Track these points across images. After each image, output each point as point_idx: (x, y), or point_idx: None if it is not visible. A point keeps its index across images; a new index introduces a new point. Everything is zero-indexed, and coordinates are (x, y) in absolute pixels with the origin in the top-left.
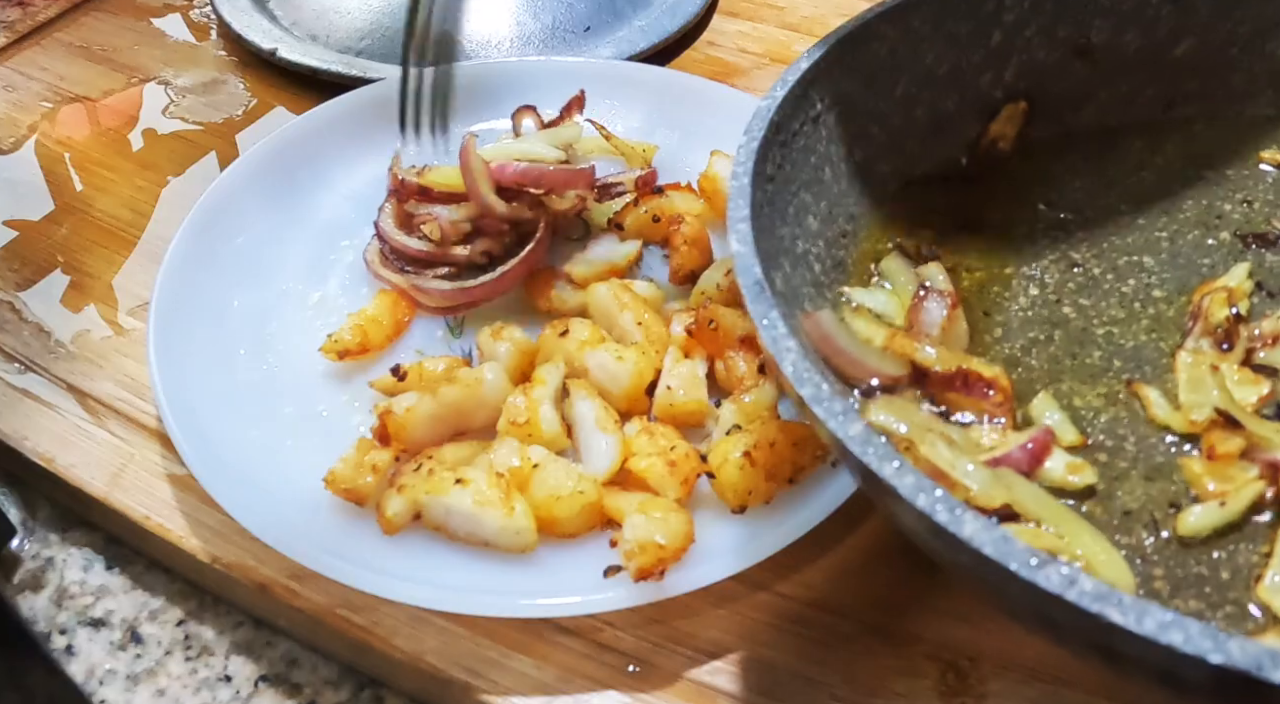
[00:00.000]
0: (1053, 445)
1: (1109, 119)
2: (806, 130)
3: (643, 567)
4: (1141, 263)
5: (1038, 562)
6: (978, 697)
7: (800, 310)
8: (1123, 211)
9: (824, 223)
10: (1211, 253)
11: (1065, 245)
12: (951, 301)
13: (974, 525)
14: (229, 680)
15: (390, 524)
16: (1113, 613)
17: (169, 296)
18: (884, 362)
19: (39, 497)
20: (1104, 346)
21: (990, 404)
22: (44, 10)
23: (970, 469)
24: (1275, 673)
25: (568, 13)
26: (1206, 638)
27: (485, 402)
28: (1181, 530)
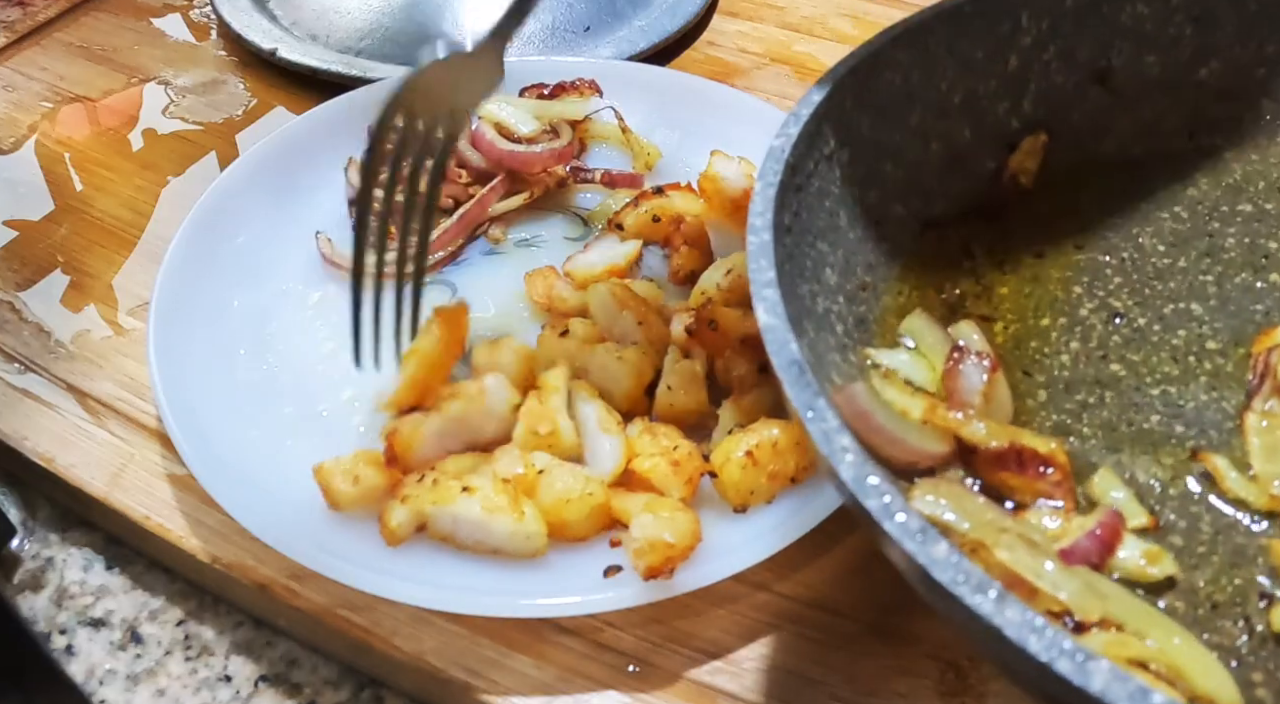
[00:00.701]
0: (1122, 531)
1: (1132, 149)
2: (821, 170)
3: (652, 565)
4: (1189, 310)
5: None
6: (978, 697)
7: (829, 382)
8: (1160, 253)
9: (842, 275)
10: (1263, 297)
11: (1103, 293)
12: (991, 364)
13: (1105, 678)
14: (229, 680)
15: (394, 536)
16: None
17: (169, 296)
18: (926, 439)
19: (39, 497)
20: (1161, 409)
21: (1048, 484)
22: (44, 10)
23: (1054, 572)
24: None
25: (568, 13)
26: None
27: (492, 413)
28: (1278, 626)
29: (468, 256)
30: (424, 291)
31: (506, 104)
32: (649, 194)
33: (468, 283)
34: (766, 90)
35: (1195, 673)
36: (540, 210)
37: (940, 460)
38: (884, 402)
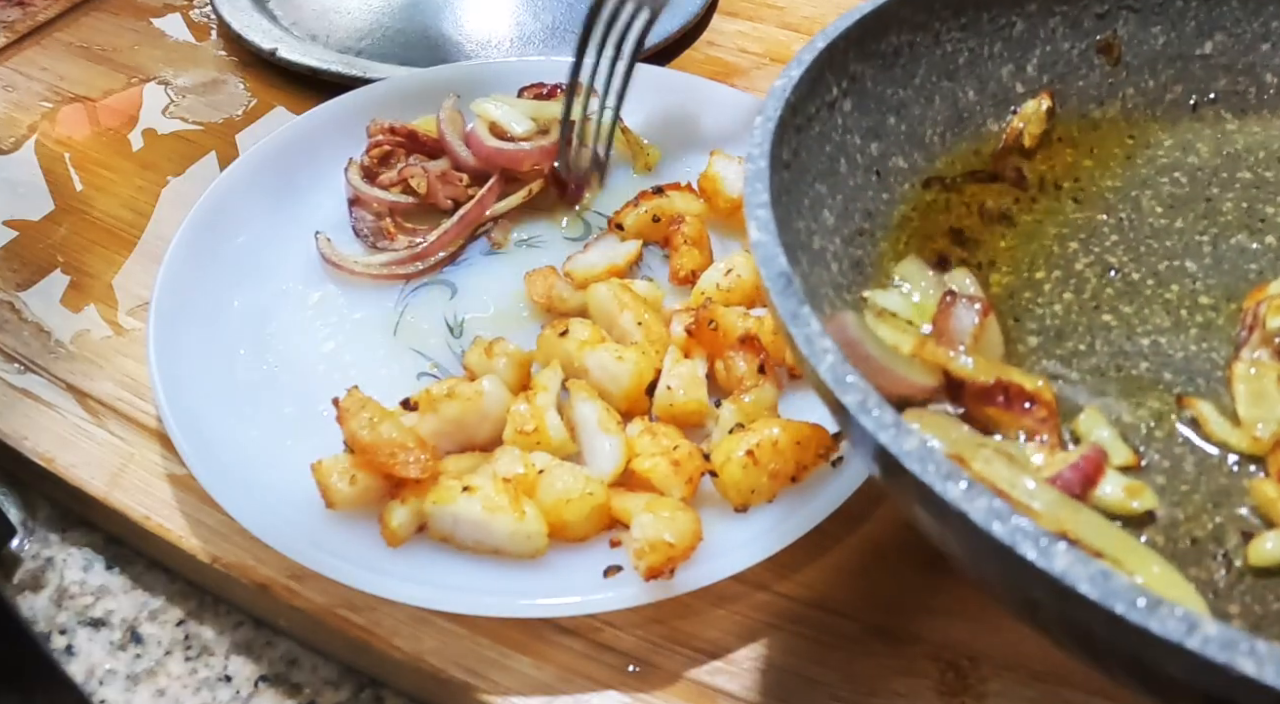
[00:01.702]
0: (1105, 466)
1: (1135, 116)
2: (823, 116)
3: (653, 565)
4: (1184, 267)
5: (1147, 603)
6: (978, 697)
7: (821, 313)
8: (1159, 214)
9: (840, 219)
10: (1258, 258)
11: (1099, 249)
12: (983, 308)
13: (1067, 559)
14: (229, 680)
15: (394, 536)
16: (1245, 664)
17: (169, 296)
18: (914, 371)
19: (39, 497)
20: (1151, 358)
21: (1033, 420)
22: (44, 10)
23: (1032, 487)
24: None
25: (568, 13)
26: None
27: (488, 415)
28: (1254, 561)
29: (468, 257)
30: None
31: (503, 103)
32: (649, 194)
33: (468, 283)
34: (766, 90)
35: (1171, 599)
36: (540, 210)
37: (928, 393)
38: (874, 332)
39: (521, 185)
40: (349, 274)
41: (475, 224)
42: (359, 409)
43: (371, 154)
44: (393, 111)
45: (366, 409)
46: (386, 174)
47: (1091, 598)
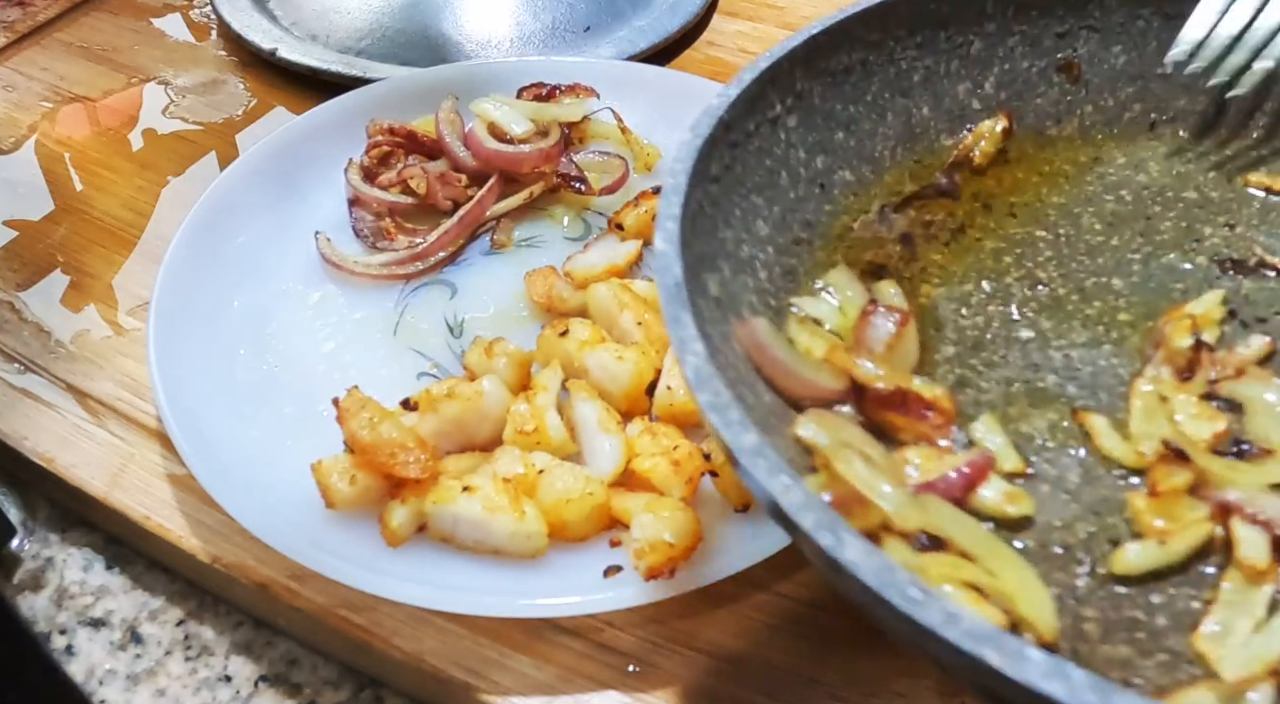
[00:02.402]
0: (990, 472)
1: (1092, 134)
2: (763, 132)
3: (653, 566)
4: (1110, 284)
5: (919, 594)
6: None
7: (736, 316)
8: (1097, 231)
9: (776, 228)
10: (1185, 277)
11: (1031, 264)
12: (901, 319)
13: (857, 549)
14: (229, 680)
15: (394, 536)
16: (991, 655)
17: (169, 296)
18: (820, 375)
19: (39, 497)
20: (1060, 371)
21: (929, 426)
22: (44, 10)
23: (887, 490)
24: None
25: (568, 13)
26: (1092, 691)
27: (487, 415)
28: (1117, 568)
29: (468, 257)
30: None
31: (503, 104)
32: (649, 194)
33: (468, 283)
34: None
35: (1021, 598)
36: (541, 210)
37: (833, 397)
38: (783, 338)
39: (521, 185)
40: (349, 274)
41: (475, 224)
42: (359, 409)
43: (371, 154)
44: (392, 112)
45: (366, 409)
46: (386, 174)
47: (872, 588)
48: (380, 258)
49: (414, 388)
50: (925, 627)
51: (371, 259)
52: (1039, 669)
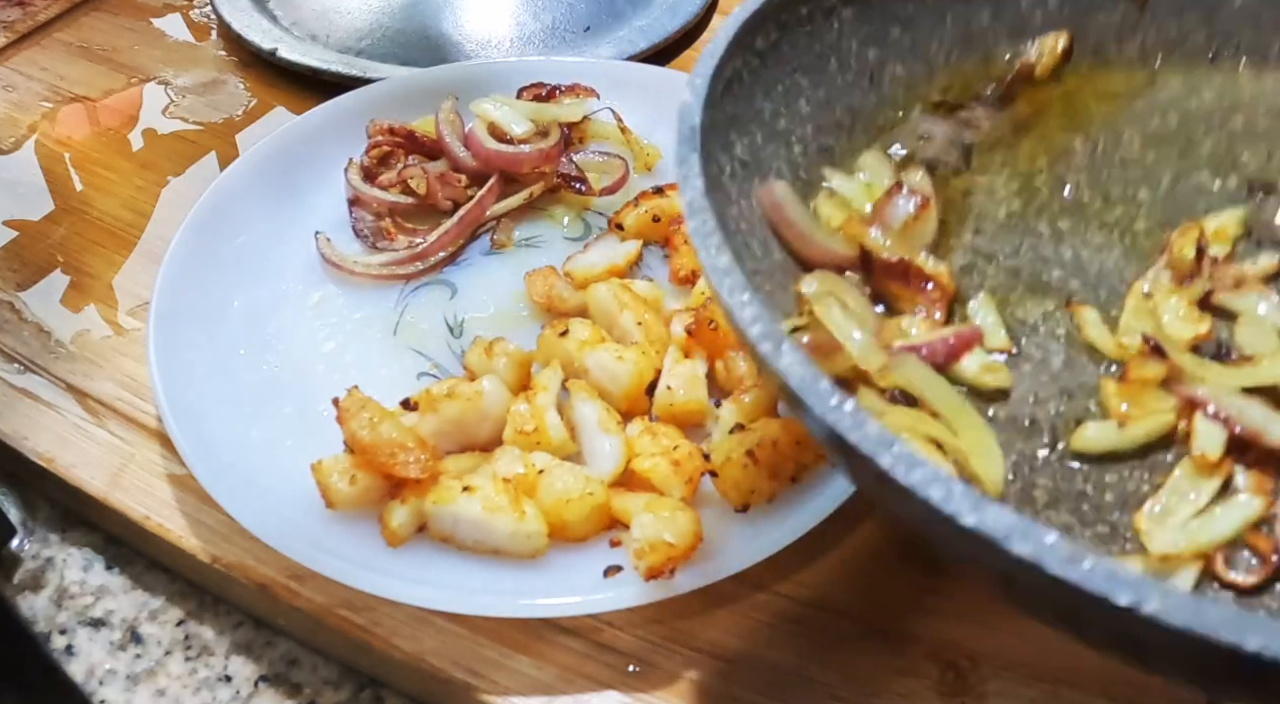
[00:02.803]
0: (976, 344)
1: (1151, 59)
2: (816, 19)
3: (653, 566)
4: (1135, 195)
5: (838, 402)
6: (978, 697)
7: (758, 177)
8: (1135, 147)
9: (818, 109)
10: (1212, 196)
11: (1064, 168)
12: (922, 202)
13: (793, 358)
14: (229, 680)
15: (395, 536)
16: (884, 458)
17: (169, 296)
18: (832, 241)
19: (39, 497)
20: (1067, 267)
21: (927, 298)
22: (44, 10)
23: (857, 336)
24: (1019, 545)
25: (568, 13)
26: (965, 499)
27: (488, 415)
28: (1075, 445)
29: (468, 257)
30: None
31: (503, 105)
32: (649, 194)
33: (468, 283)
34: None
35: (975, 455)
36: (541, 210)
37: (843, 263)
38: (800, 202)
39: (521, 185)
40: (349, 274)
41: (475, 225)
42: (359, 409)
43: (371, 154)
44: (392, 112)
45: (366, 409)
46: (386, 174)
47: (796, 390)
48: (380, 258)
49: (414, 388)
50: (837, 431)
51: (371, 259)
52: (921, 476)
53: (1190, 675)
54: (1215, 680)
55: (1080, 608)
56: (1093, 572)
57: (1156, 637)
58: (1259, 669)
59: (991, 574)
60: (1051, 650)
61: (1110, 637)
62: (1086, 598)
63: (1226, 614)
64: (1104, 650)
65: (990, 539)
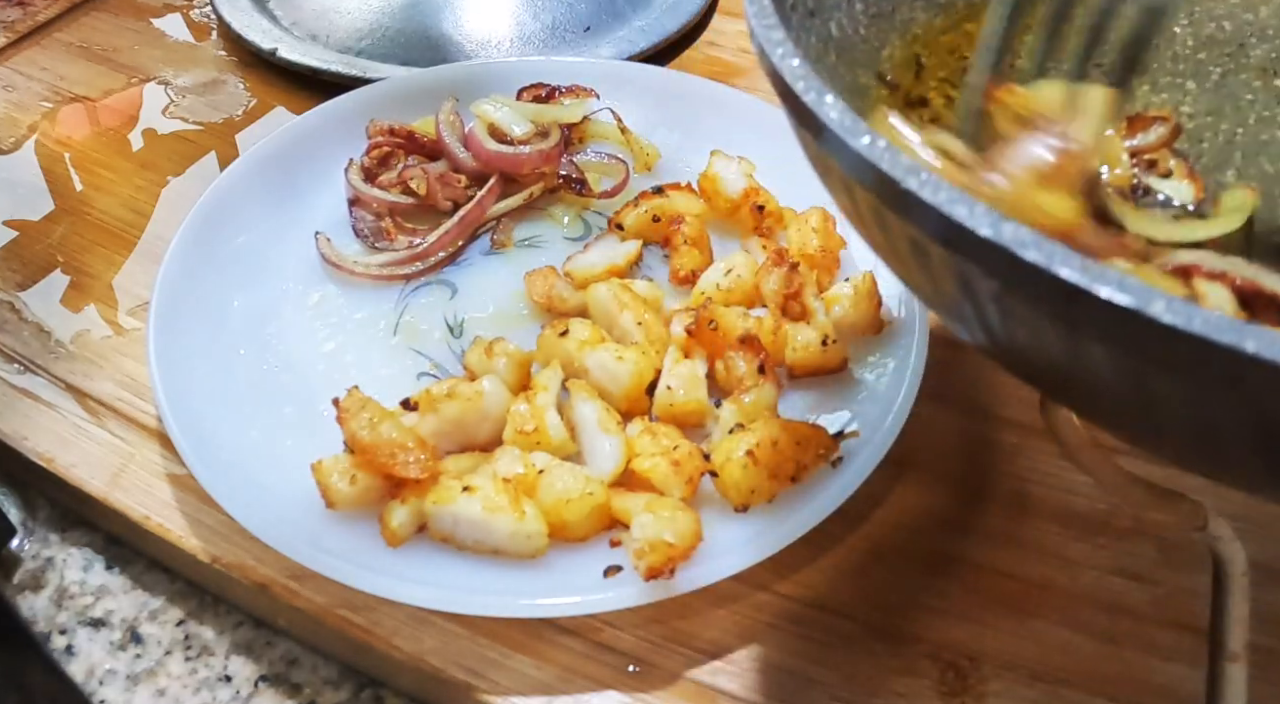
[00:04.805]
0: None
1: None
2: None
3: (653, 566)
4: (1184, 86)
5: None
6: (978, 697)
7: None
8: (1188, 46)
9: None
10: (1257, 92)
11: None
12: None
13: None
14: (229, 680)
15: (395, 536)
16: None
17: (169, 296)
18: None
19: (39, 497)
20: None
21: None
22: (44, 10)
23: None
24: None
25: (568, 13)
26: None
27: (488, 415)
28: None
29: (468, 257)
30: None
31: (503, 106)
32: (649, 194)
33: (468, 283)
34: (766, 90)
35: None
36: (541, 210)
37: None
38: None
39: (521, 186)
40: (349, 274)
41: (475, 225)
42: (359, 409)
43: (371, 155)
44: (392, 112)
45: (366, 409)
46: (386, 175)
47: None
48: (380, 258)
49: (414, 388)
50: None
51: (371, 259)
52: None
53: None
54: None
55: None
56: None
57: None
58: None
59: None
60: (1051, 650)
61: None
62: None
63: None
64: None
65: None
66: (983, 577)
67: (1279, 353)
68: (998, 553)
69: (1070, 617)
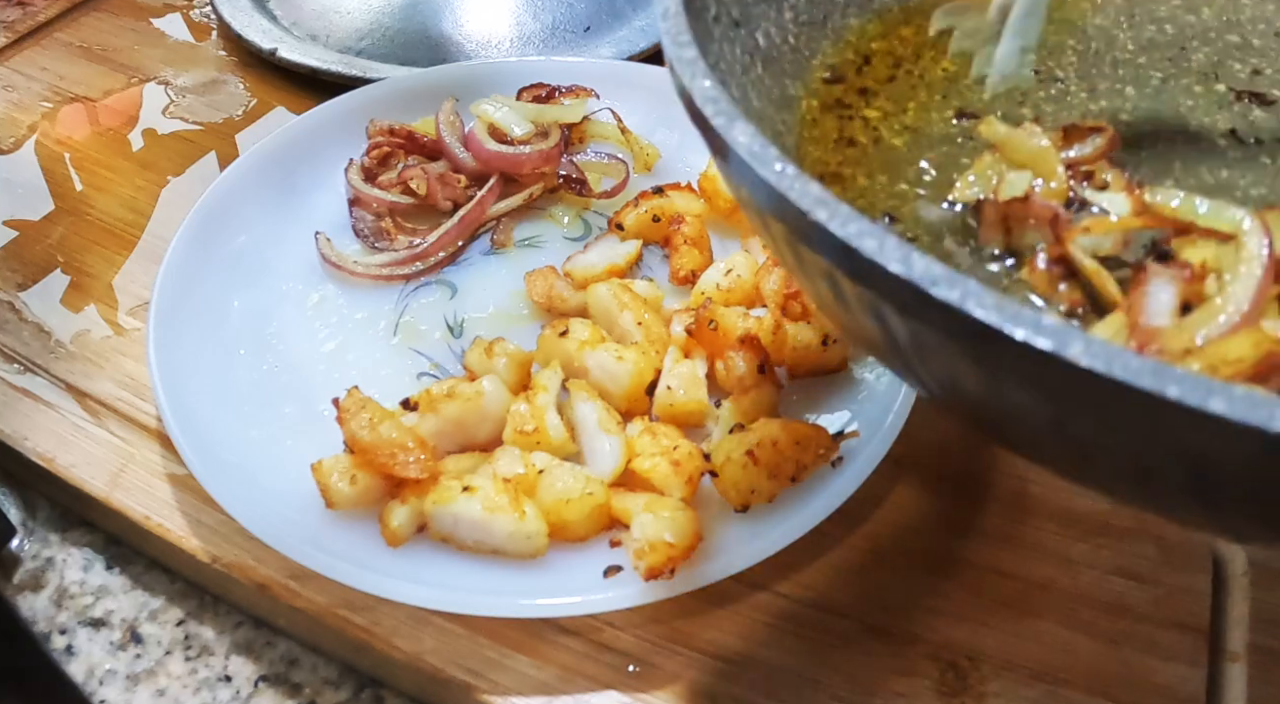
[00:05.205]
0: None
1: None
2: None
3: (653, 566)
4: (1123, 92)
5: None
6: (977, 697)
7: (745, 31)
8: (1129, 51)
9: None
10: (1197, 98)
11: (1054, 64)
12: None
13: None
14: (229, 680)
15: (395, 536)
16: (820, 213)
17: (169, 296)
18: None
19: (39, 497)
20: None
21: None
22: (44, 10)
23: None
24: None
25: (568, 13)
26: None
27: (488, 415)
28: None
29: (468, 257)
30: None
31: (503, 106)
32: (649, 194)
33: (468, 283)
34: None
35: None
36: (541, 210)
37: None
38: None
39: (521, 186)
40: (349, 274)
41: (475, 225)
42: (359, 409)
43: (371, 155)
44: (392, 112)
45: (366, 409)
46: (386, 175)
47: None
48: (380, 258)
49: (414, 388)
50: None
51: (371, 259)
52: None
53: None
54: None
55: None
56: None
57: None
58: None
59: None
60: (1051, 650)
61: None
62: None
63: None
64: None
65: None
66: (983, 577)
67: (1201, 399)
68: (998, 553)
69: (1070, 617)
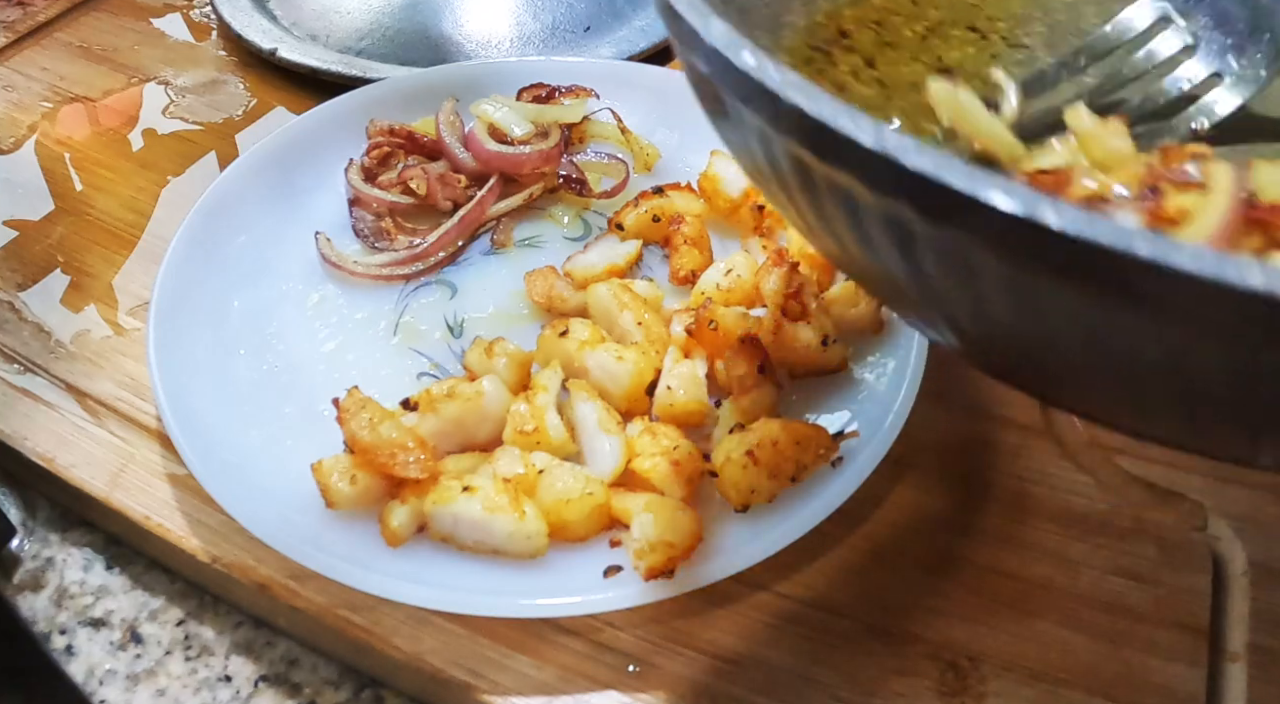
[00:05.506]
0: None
1: None
2: None
3: (653, 566)
4: (1086, 65)
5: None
6: (977, 697)
7: None
8: (1094, 22)
9: None
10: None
11: (1022, 32)
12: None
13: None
14: (229, 680)
15: (395, 536)
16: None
17: (169, 296)
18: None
19: (39, 497)
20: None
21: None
22: (44, 10)
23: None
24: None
25: (568, 13)
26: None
27: (488, 415)
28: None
29: (468, 257)
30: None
31: (503, 106)
32: (649, 194)
33: (468, 283)
34: None
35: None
36: (541, 210)
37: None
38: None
39: (521, 186)
40: (349, 274)
41: (475, 225)
42: (359, 409)
43: (371, 155)
44: (392, 112)
45: (366, 409)
46: (386, 175)
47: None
48: (380, 258)
49: (414, 388)
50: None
51: (371, 259)
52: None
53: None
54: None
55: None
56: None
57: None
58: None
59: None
60: (1051, 650)
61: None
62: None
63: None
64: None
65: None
66: (983, 577)
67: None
68: (998, 553)
69: (1070, 617)
